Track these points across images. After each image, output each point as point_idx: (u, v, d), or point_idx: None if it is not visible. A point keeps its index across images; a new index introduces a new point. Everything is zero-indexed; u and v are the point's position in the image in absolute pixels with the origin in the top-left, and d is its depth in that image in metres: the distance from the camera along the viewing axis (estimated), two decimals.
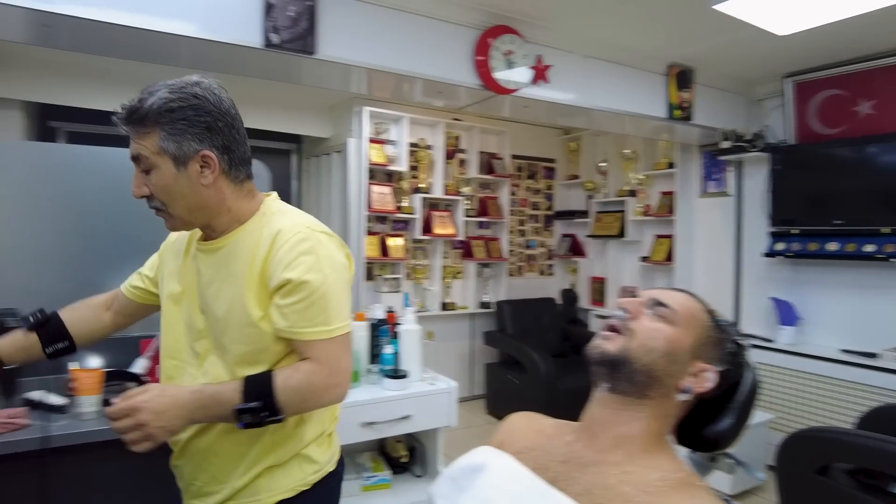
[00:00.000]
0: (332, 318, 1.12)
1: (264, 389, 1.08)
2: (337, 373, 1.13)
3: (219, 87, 1.16)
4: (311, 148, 5.18)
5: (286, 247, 1.11)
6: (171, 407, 1.05)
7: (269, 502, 1.17)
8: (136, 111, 1.09)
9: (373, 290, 4.56)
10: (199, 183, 1.12)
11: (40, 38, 2.58)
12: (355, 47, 2.71)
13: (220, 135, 1.13)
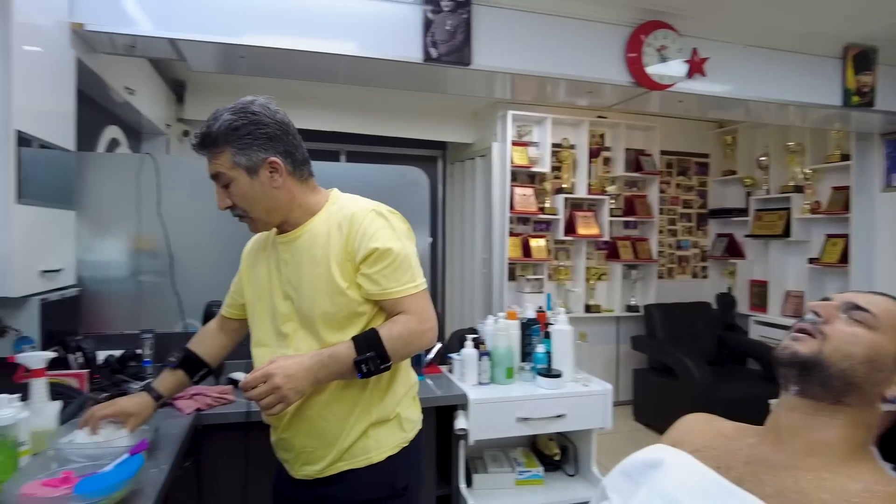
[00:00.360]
0: (415, 276, 1.30)
1: (373, 341, 1.24)
2: (427, 319, 1.29)
3: (271, 102, 1.33)
4: (456, 154, 5.37)
5: (365, 223, 1.27)
6: (299, 370, 1.21)
7: (379, 458, 1.32)
8: (208, 136, 1.27)
9: (515, 290, 4.62)
10: (272, 186, 1.29)
11: (234, 67, 2.99)
12: (504, 54, 2.79)
13: (280, 142, 1.30)
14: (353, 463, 1.32)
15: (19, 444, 1.31)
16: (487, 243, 4.66)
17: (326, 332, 1.29)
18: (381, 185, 2.81)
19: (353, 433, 1.31)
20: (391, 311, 1.30)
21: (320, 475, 1.34)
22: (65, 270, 2.11)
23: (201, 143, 1.28)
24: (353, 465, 1.32)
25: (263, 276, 1.40)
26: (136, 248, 2.50)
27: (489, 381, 2.31)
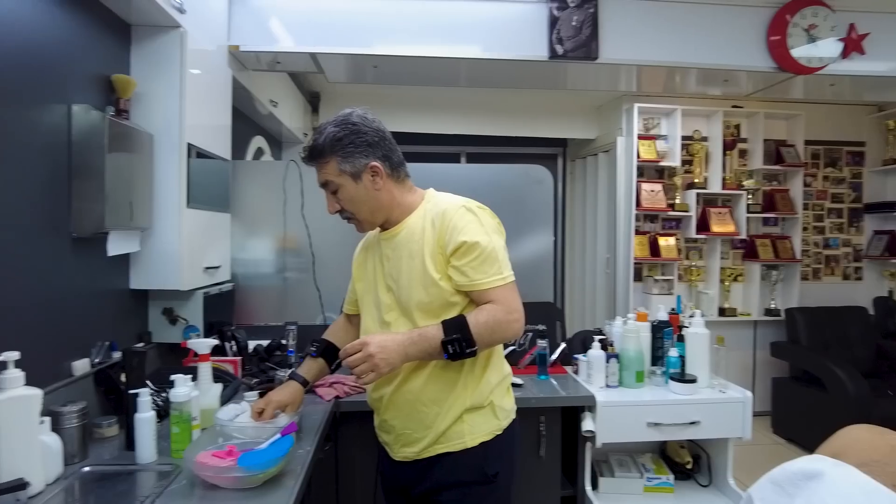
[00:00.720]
0: (502, 269, 1.36)
1: (461, 326, 1.32)
2: (514, 310, 1.34)
3: (368, 112, 1.44)
4: (577, 150, 5.26)
5: (455, 218, 1.36)
6: (391, 342, 1.31)
7: (473, 443, 1.39)
8: (315, 149, 1.40)
9: (641, 291, 4.44)
10: (374, 189, 1.41)
11: (364, 76, 3.17)
12: (632, 46, 2.70)
13: (379, 147, 1.41)
14: (449, 446, 1.39)
15: (192, 419, 1.49)
16: (611, 242, 4.52)
17: (422, 320, 1.38)
18: (503, 184, 2.83)
19: (449, 417, 1.39)
20: (479, 301, 1.36)
21: (418, 457, 1.43)
22: (222, 267, 2.35)
23: (310, 155, 1.41)
24: (448, 448, 1.39)
25: (370, 271, 1.52)
26: (282, 247, 2.73)
27: (617, 383, 2.25)
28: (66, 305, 1.60)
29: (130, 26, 1.92)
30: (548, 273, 2.81)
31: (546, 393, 2.14)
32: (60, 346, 1.58)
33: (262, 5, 2.59)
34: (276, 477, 1.32)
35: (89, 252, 1.70)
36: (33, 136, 1.45)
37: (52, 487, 1.27)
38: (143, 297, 2.07)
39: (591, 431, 2.08)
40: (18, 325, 1.39)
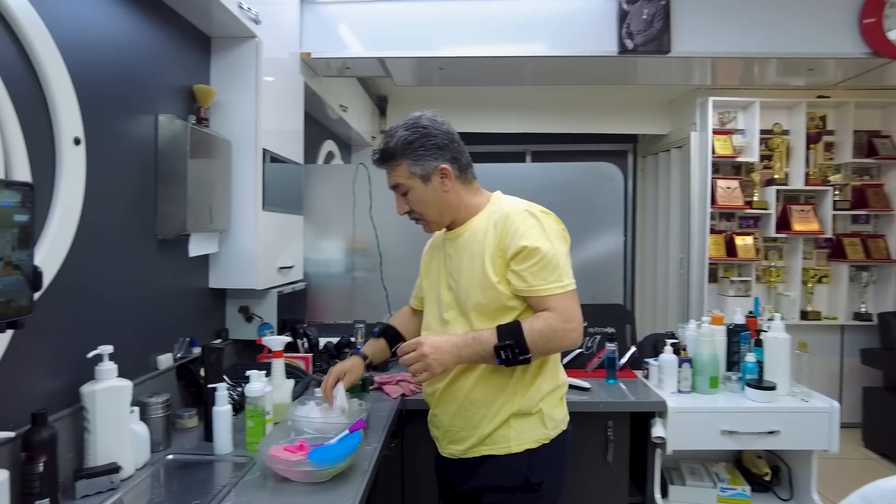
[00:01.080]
0: (563, 276, 1.34)
1: (515, 332, 1.31)
2: (571, 319, 1.33)
3: (437, 115, 1.46)
4: (648, 146, 5.10)
5: (517, 222, 1.35)
6: (445, 344, 1.33)
7: (518, 449, 1.38)
8: (386, 152, 1.42)
9: (716, 293, 4.25)
10: (443, 191, 1.42)
11: (431, 79, 3.20)
12: (706, 38, 2.59)
13: (448, 150, 1.43)
14: (494, 449, 1.40)
15: (266, 413, 1.56)
16: (685, 241, 4.35)
17: (479, 321, 1.40)
18: (570, 183, 2.78)
19: (496, 420, 1.39)
20: (537, 308, 1.35)
21: (463, 455, 1.44)
22: (295, 267, 2.44)
23: (381, 158, 1.44)
24: (493, 450, 1.40)
25: (434, 269, 1.55)
26: (351, 248, 2.81)
27: (690, 389, 2.16)
28: (152, 303, 1.71)
29: (210, 39, 2.03)
30: (617, 274, 2.74)
31: (614, 398, 2.09)
32: (147, 341, 1.69)
33: (332, 13, 2.67)
34: (344, 472, 1.36)
35: (172, 253, 1.81)
36: (126, 145, 1.56)
37: (141, 472, 1.37)
38: (221, 295, 2.18)
39: (662, 438, 2.01)
40: (111, 321, 1.49)
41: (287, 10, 2.45)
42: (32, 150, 1.18)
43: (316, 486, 1.29)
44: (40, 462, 1.14)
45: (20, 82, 1.18)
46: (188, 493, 1.28)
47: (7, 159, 1.12)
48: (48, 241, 1.23)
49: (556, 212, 1.46)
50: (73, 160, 1.30)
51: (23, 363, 1.19)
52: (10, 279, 0.76)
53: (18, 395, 1.18)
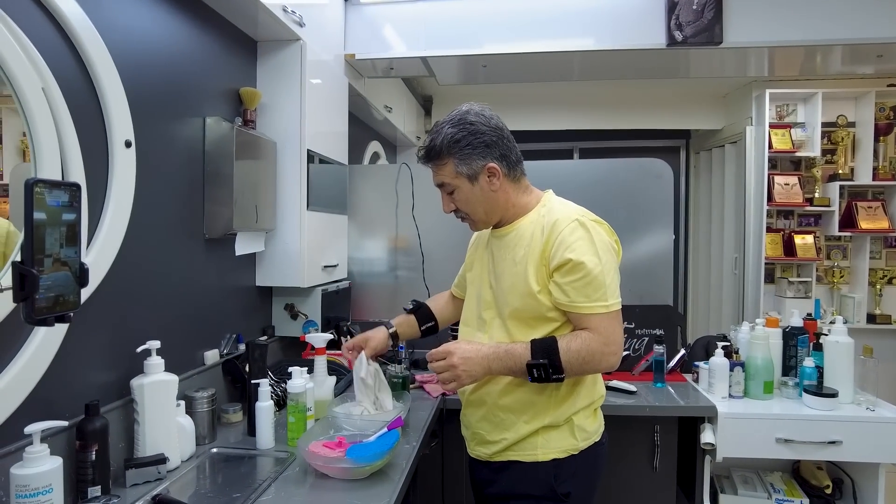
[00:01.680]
0: (608, 295, 1.27)
1: (550, 350, 1.26)
2: (612, 342, 1.27)
3: (485, 109, 1.39)
4: (701, 142, 4.93)
5: (565, 231, 1.28)
6: (476, 355, 1.30)
7: (545, 458, 1.34)
8: (432, 150, 1.37)
9: (773, 294, 4.07)
10: (490, 190, 1.36)
11: (475, 77, 3.19)
12: (762, 26, 2.47)
13: (496, 147, 1.36)
14: (520, 456, 1.36)
15: (307, 409, 1.58)
16: (739, 240, 4.18)
17: (514, 327, 1.36)
18: (617, 180, 2.71)
19: (524, 430, 1.35)
20: (577, 324, 1.30)
21: (490, 459, 1.41)
22: (339, 266, 2.48)
23: (426, 156, 1.39)
24: (519, 457, 1.36)
25: (478, 265, 1.51)
26: (394, 247, 2.83)
27: (742, 394, 2.07)
28: (200, 300, 1.77)
29: (257, 42, 2.08)
30: (667, 274, 2.65)
31: (662, 402, 2.03)
32: (194, 337, 1.74)
33: (376, 14, 2.69)
34: (382, 470, 1.36)
35: (219, 252, 1.86)
36: (175, 147, 1.62)
37: (186, 464, 1.41)
38: (267, 293, 2.24)
39: (711, 444, 1.93)
40: (161, 317, 1.55)
41: (331, 12, 2.49)
42: (87, 152, 1.24)
43: (354, 483, 1.30)
44: (93, 451, 1.19)
45: (76, 89, 1.24)
46: (230, 486, 1.31)
47: (63, 161, 1.18)
48: (101, 239, 1.29)
49: (603, 209, 1.41)
50: (124, 162, 1.35)
51: (77, 356, 1.25)
52: (58, 275, 0.80)
53: (73, 386, 1.24)
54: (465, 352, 1.30)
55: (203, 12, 1.75)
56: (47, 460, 1.06)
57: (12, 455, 1.08)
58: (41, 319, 0.79)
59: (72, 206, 0.82)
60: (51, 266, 0.79)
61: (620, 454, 2.03)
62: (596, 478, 1.43)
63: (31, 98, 1.10)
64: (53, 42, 1.19)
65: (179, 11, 1.63)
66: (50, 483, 1.05)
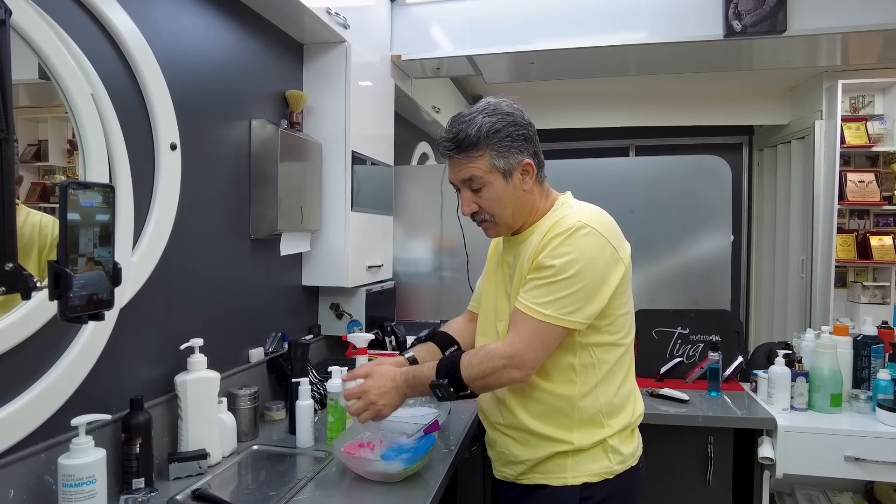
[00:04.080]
0: (555, 305, 1.14)
1: (452, 366, 1.20)
2: (517, 357, 1.16)
3: (516, 102, 1.29)
4: (765, 138, 4.67)
5: (561, 237, 1.17)
6: (390, 386, 1.25)
7: (575, 482, 1.23)
8: (466, 140, 1.21)
9: (845, 299, 3.81)
10: (522, 189, 1.26)
11: (524, 74, 3.13)
12: (832, 11, 2.30)
13: (532, 142, 1.26)
14: (549, 479, 1.25)
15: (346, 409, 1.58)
16: (807, 242, 3.93)
17: None
18: (672, 178, 2.60)
19: (554, 450, 1.24)
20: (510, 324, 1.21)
21: (516, 480, 1.31)
22: (384, 266, 2.48)
23: (459, 146, 1.23)
24: (547, 480, 1.25)
25: (492, 276, 1.42)
26: (439, 248, 2.81)
27: (806, 406, 1.93)
28: (245, 299, 1.80)
29: (303, 45, 2.11)
30: (724, 277, 2.51)
31: (716, 412, 1.92)
32: (240, 335, 1.78)
33: (423, 14, 2.68)
34: (419, 473, 1.35)
35: (265, 252, 1.90)
36: (221, 150, 1.66)
37: (227, 460, 1.44)
38: (314, 292, 2.27)
39: (770, 459, 1.81)
40: (206, 315, 1.59)
41: (377, 13, 2.49)
42: (133, 155, 1.28)
43: (389, 486, 1.29)
44: (137, 444, 1.23)
45: (124, 94, 1.29)
46: (268, 484, 1.33)
47: (111, 164, 1.23)
48: (147, 239, 1.33)
49: (657, 208, 1.33)
50: (170, 164, 1.39)
51: (123, 352, 1.29)
52: (92, 274, 0.82)
53: (119, 381, 1.29)
54: (380, 387, 1.26)
55: (250, 18, 1.79)
56: (92, 452, 1.10)
57: (61, 446, 1.12)
58: (75, 317, 0.81)
59: (106, 206, 0.84)
60: (84, 265, 0.81)
61: (670, 466, 1.94)
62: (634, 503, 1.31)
63: (80, 103, 1.15)
64: (102, 50, 1.24)
65: (227, 17, 1.67)
66: (93, 474, 1.09)
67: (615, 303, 1.21)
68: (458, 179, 1.28)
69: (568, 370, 1.23)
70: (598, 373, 1.23)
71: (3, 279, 0.78)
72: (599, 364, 1.23)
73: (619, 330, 1.25)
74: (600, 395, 1.23)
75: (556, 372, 1.23)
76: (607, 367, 1.24)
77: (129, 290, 1.28)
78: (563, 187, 1.37)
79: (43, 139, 1.19)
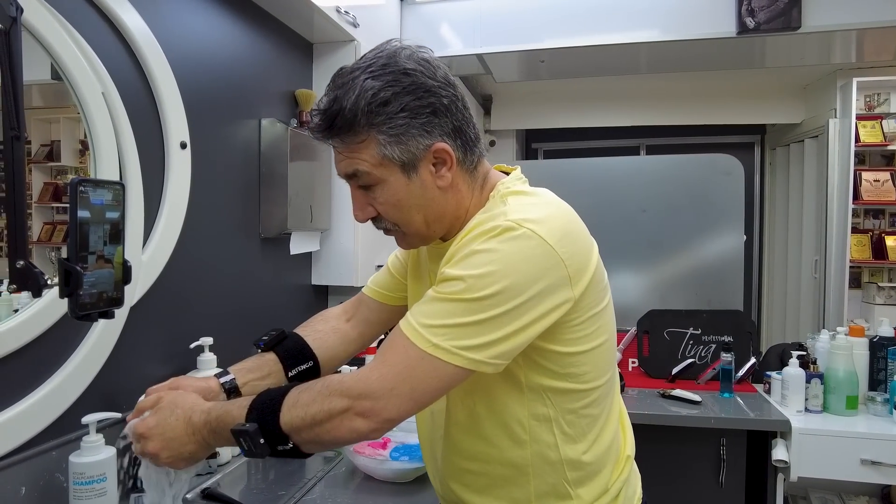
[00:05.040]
0: (450, 332, 0.73)
1: (271, 406, 0.76)
2: (367, 393, 0.73)
3: (425, 51, 0.85)
4: (778, 137, 4.62)
5: (476, 240, 0.77)
6: (183, 433, 0.81)
7: None
8: (338, 116, 0.80)
9: (860, 300, 3.76)
10: (436, 186, 0.84)
11: (534, 73, 3.12)
12: (847, 6, 2.27)
13: (448, 115, 0.82)
14: None
15: None
16: (820, 242, 3.88)
17: None
18: (683, 177, 2.58)
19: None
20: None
21: None
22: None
23: (330, 127, 0.81)
24: None
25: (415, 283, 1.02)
26: None
27: (821, 408, 1.91)
28: (256, 298, 1.80)
29: (312, 44, 2.11)
30: (736, 277, 2.49)
31: (729, 413, 1.90)
32: (249, 334, 1.77)
33: (432, 12, 2.68)
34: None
35: (275, 251, 1.90)
36: (230, 149, 1.66)
37: (237, 459, 1.43)
38: (323, 291, 2.26)
39: (784, 462, 1.79)
40: (215, 314, 1.59)
41: (387, 12, 2.49)
42: (143, 153, 1.28)
43: (399, 486, 1.29)
44: None
45: (134, 93, 1.29)
46: (277, 483, 1.33)
47: (121, 162, 1.23)
48: (157, 238, 1.33)
49: (668, 208, 1.16)
50: (180, 163, 1.39)
51: (133, 351, 1.29)
52: (102, 272, 0.82)
53: (129, 379, 1.29)
54: (164, 430, 0.81)
55: (260, 16, 1.79)
56: (102, 450, 1.10)
57: (72, 443, 1.12)
58: (85, 315, 0.81)
59: (115, 204, 0.84)
60: (94, 263, 0.81)
61: (682, 468, 1.92)
62: None
63: (91, 102, 1.15)
64: (113, 49, 1.24)
65: (237, 17, 1.67)
66: (104, 472, 1.09)
67: (572, 336, 0.82)
68: (340, 173, 0.87)
69: (513, 424, 0.85)
70: (556, 427, 0.85)
71: (15, 276, 0.78)
72: (560, 415, 0.85)
73: (585, 372, 0.84)
74: (564, 456, 0.86)
75: (496, 428, 0.86)
76: (573, 418, 0.85)
77: (140, 288, 1.28)
78: (573, 187, 1.16)
79: (55, 139, 1.20)
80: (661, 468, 1.38)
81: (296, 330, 1.08)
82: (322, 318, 1.12)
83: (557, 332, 0.80)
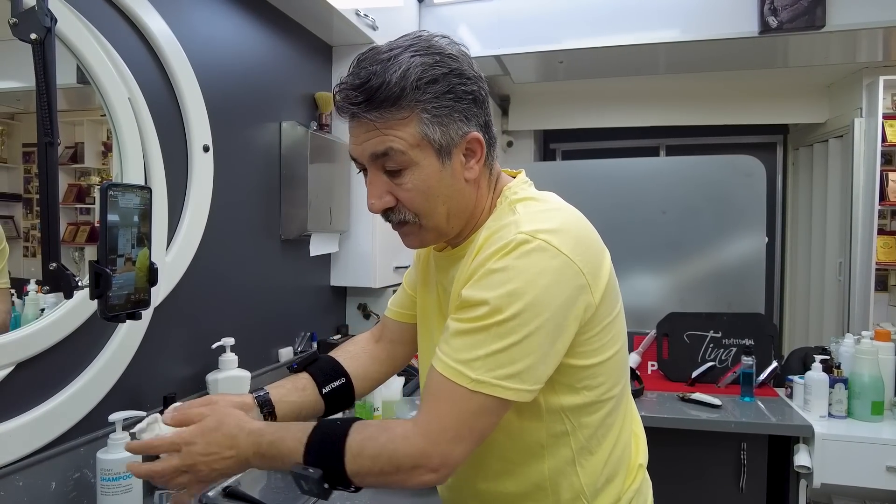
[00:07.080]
0: (488, 363, 0.72)
1: (332, 450, 0.74)
2: (433, 452, 0.72)
3: (461, 44, 0.84)
4: (801, 137, 4.55)
5: (494, 256, 0.75)
6: (231, 455, 0.78)
7: None
8: (381, 88, 0.74)
9: (886, 303, 3.68)
10: (463, 178, 0.82)
11: (552, 73, 3.12)
12: (874, 4, 2.23)
13: (483, 108, 0.83)
14: None
15: (374, 409, 1.59)
16: (845, 244, 3.81)
17: None
18: (704, 178, 2.55)
19: None
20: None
21: None
22: (410, 267, 2.49)
23: (370, 99, 0.75)
24: None
25: (424, 299, 0.99)
26: None
27: (845, 414, 1.88)
28: (275, 299, 1.83)
29: (332, 47, 2.13)
30: (758, 280, 2.46)
31: (750, 417, 1.87)
32: (269, 335, 1.80)
33: (451, 13, 2.69)
34: None
35: (295, 253, 1.92)
36: (252, 151, 1.68)
37: None
38: (342, 293, 2.29)
39: (807, 467, 1.77)
40: (237, 315, 1.61)
41: (405, 14, 2.50)
42: (168, 157, 1.31)
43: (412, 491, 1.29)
44: None
45: (159, 97, 1.32)
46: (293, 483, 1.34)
47: (146, 165, 1.25)
48: (180, 240, 1.35)
49: (689, 209, 1.13)
50: (202, 166, 1.42)
51: (157, 351, 1.32)
52: (129, 274, 0.84)
53: (153, 379, 1.32)
54: (205, 454, 0.78)
55: (280, 20, 1.81)
56: None
57: (99, 440, 1.15)
58: (114, 316, 0.83)
59: (143, 208, 0.86)
60: (123, 266, 0.83)
61: (702, 473, 1.90)
62: None
63: (118, 107, 1.18)
64: (139, 54, 1.27)
65: (258, 21, 1.69)
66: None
67: (589, 348, 0.81)
68: (364, 154, 0.79)
69: (532, 446, 0.85)
70: (574, 441, 0.84)
71: (48, 278, 0.80)
72: (577, 429, 0.84)
73: (601, 383, 0.84)
74: (580, 468, 0.86)
75: (514, 451, 0.86)
76: (589, 431, 0.85)
77: (164, 289, 1.31)
78: (592, 188, 1.14)
79: (79, 142, 1.23)
80: (680, 472, 1.37)
81: (334, 352, 1.08)
82: (352, 341, 1.13)
83: (574, 344, 0.79)
